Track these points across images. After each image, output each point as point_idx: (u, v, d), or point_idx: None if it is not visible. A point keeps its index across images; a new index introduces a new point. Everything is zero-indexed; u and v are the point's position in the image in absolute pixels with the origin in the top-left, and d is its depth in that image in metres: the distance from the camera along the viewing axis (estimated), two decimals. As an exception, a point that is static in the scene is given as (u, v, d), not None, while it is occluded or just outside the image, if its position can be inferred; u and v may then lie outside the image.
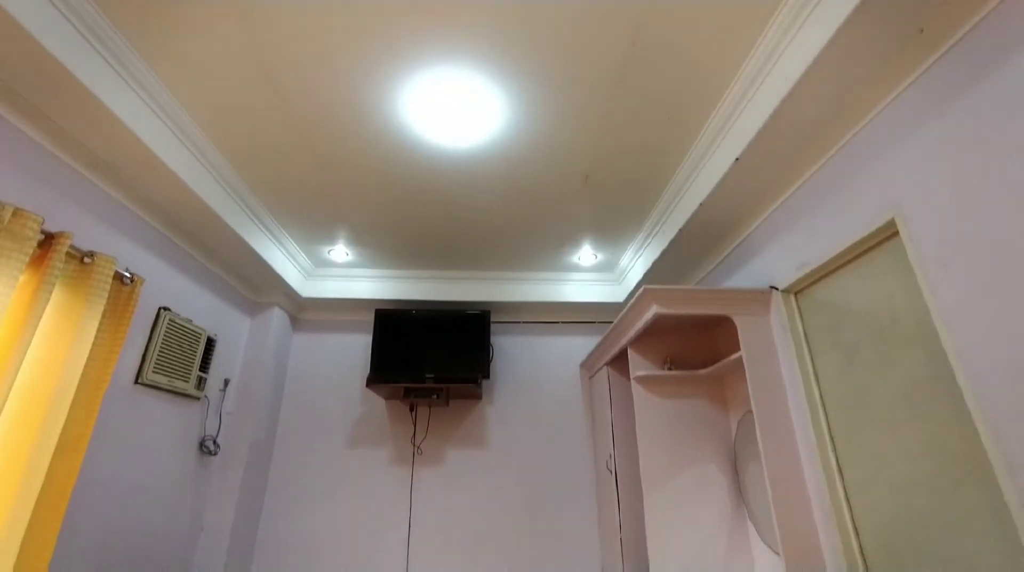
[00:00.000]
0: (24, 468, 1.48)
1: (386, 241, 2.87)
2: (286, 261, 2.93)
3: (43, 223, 1.60)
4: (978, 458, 1.25)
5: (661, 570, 2.09)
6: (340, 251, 2.98)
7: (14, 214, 1.54)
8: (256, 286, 3.03)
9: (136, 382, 2.14)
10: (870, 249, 1.62)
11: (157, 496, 2.28)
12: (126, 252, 2.08)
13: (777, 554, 1.94)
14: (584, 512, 3.04)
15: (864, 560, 1.61)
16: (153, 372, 2.20)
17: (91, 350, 1.78)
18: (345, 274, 3.23)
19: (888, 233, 1.54)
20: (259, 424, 2.90)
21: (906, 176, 1.43)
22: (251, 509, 2.83)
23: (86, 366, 1.75)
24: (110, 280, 1.88)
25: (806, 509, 1.79)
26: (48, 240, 1.66)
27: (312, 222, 2.67)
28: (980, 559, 1.25)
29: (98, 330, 1.84)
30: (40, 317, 1.57)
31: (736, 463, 2.29)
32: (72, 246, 1.74)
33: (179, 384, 2.37)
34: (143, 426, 2.20)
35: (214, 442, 2.67)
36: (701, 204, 2.12)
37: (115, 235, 2.04)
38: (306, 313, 3.41)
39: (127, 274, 1.98)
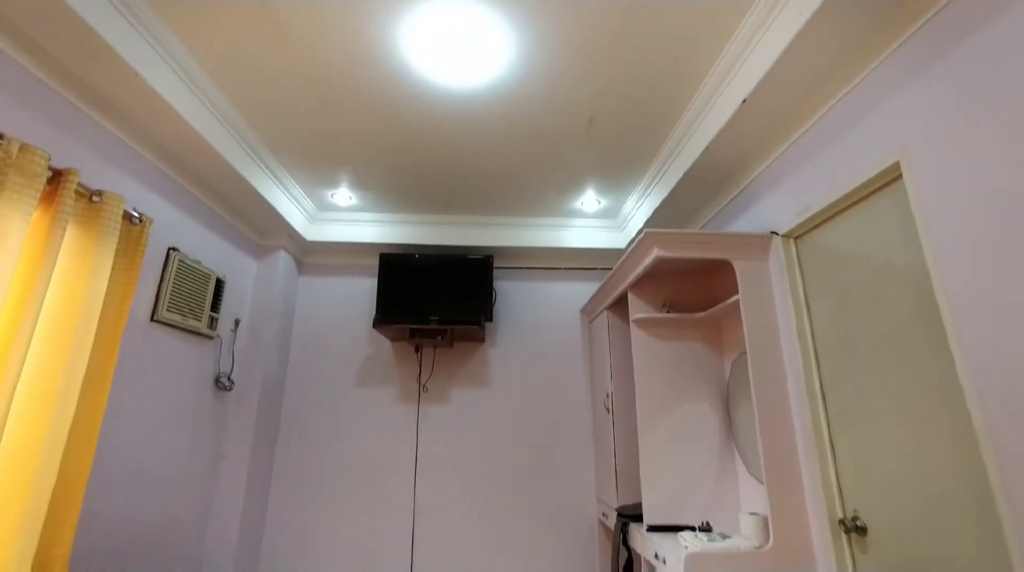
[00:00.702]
0: (57, 399, 1.57)
1: (389, 185, 2.87)
2: (290, 204, 2.94)
3: (49, 160, 1.61)
4: (953, 391, 1.32)
5: (653, 498, 2.25)
6: (343, 195, 2.98)
7: (21, 149, 1.54)
8: (261, 229, 3.05)
9: (152, 320, 2.22)
10: (872, 193, 1.64)
11: (180, 427, 2.42)
12: (133, 192, 2.10)
13: (761, 483, 2.07)
14: (581, 448, 3.21)
15: (839, 483, 1.73)
16: (167, 310, 2.28)
17: (107, 287, 1.84)
18: (349, 218, 3.25)
19: (891, 176, 1.55)
20: (270, 363, 3.02)
21: (913, 119, 1.42)
22: (267, 441, 2.99)
23: (104, 302, 1.81)
24: (120, 219, 1.90)
25: (790, 441, 1.90)
26: (56, 177, 1.68)
27: (315, 165, 2.66)
28: (949, 481, 1.34)
29: (112, 268, 1.89)
30: (57, 254, 1.61)
31: (728, 402, 2.40)
32: (80, 184, 1.75)
33: (192, 322, 2.45)
34: (162, 362, 2.30)
35: (229, 378, 2.79)
36: (706, 148, 2.11)
37: (121, 175, 2.05)
38: (311, 257, 3.45)
39: (135, 214, 2.01)
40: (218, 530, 2.66)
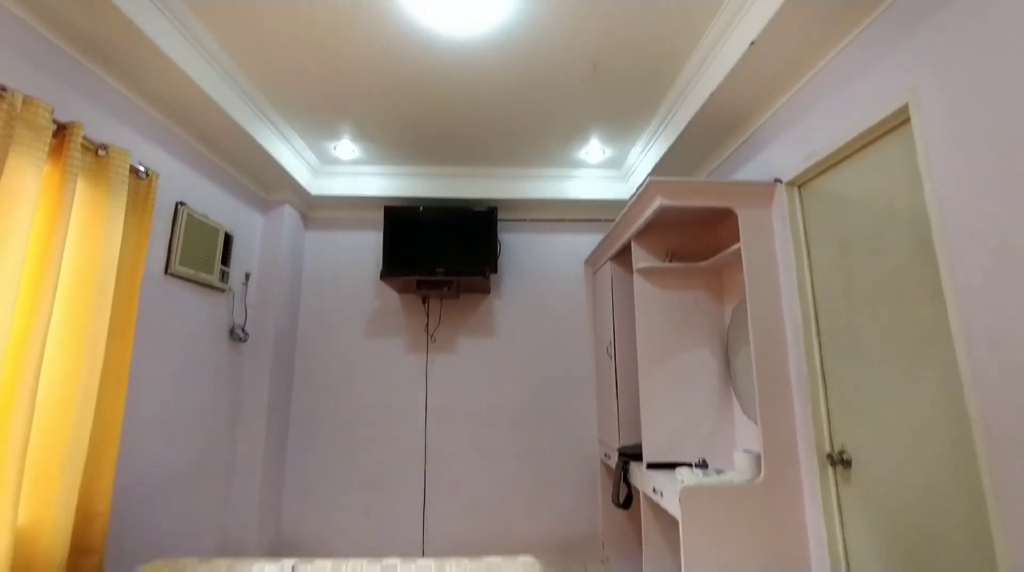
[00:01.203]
0: (86, 346, 1.65)
1: (391, 136, 2.84)
2: (293, 157, 2.93)
3: (53, 113, 1.62)
4: (942, 335, 1.36)
5: (652, 438, 2.36)
6: (346, 147, 2.96)
7: (25, 102, 1.55)
8: (266, 183, 3.06)
9: (166, 273, 2.28)
10: (879, 138, 1.63)
11: (200, 376, 2.53)
12: (137, 147, 2.10)
13: (756, 423, 2.17)
14: (584, 393, 3.34)
15: (829, 421, 1.82)
16: (180, 264, 2.33)
17: (122, 240, 1.88)
18: (353, 171, 3.24)
19: (899, 120, 1.53)
20: (281, 316, 3.10)
21: (923, 62, 1.40)
22: (283, 389, 3.13)
23: (120, 255, 1.86)
24: (127, 173, 1.92)
25: (785, 383, 1.98)
26: (61, 131, 1.69)
27: (316, 117, 2.63)
28: (932, 416, 1.42)
29: (125, 222, 1.92)
30: (71, 208, 1.64)
31: (727, 348, 2.47)
32: (85, 138, 1.76)
33: (205, 276, 2.51)
34: (179, 314, 2.37)
35: (243, 330, 2.88)
36: (712, 94, 2.07)
37: (124, 130, 2.05)
38: (316, 211, 3.47)
39: (141, 168, 2.02)
40: (242, 471, 2.83)
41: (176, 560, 1.67)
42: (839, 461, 1.75)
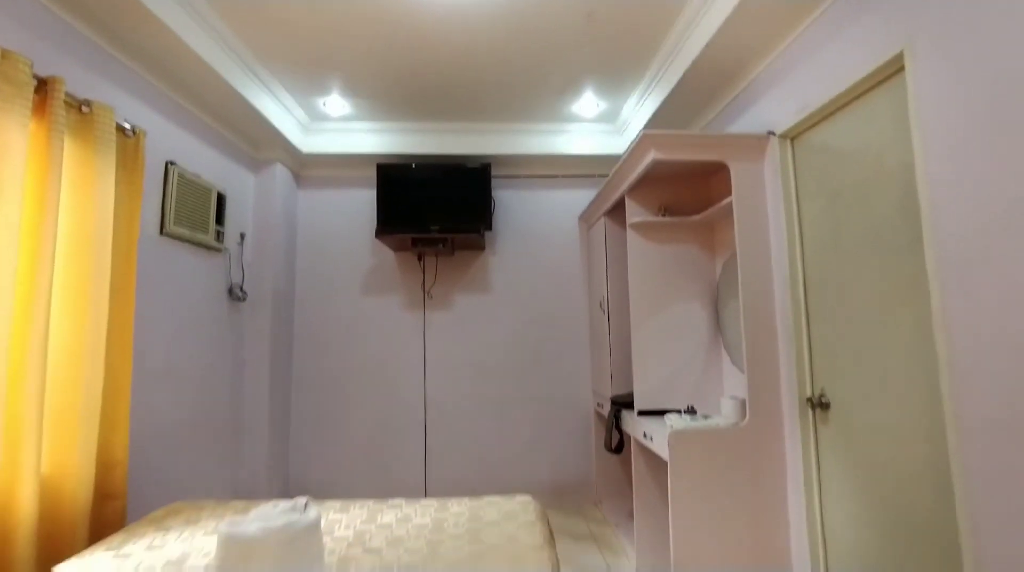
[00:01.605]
0: (90, 305, 1.68)
1: (382, 91, 2.78)
2: (282, 114, 2.87)
3: (32, 67, 1.58)
4: (920, 283, 1.41)
5: (643, 387, 2.46)
6: (336, 103, 2.90)
7: (3, 55, 1.51)
8: (255, 141, 3.01)
9: (161, 233, 2.28)
10: (872, 88, 1.63)
11: (202, 335, 2.58)
12: (121, 104, 2.06)
13: (743, 372, 2.26)
14: (578, 346, 3.43)
15: (811, 367, 1.90)
16: (174, 224, 2.33)
17: (115, 200, 1.87)
18: (344, 128, 3.18)
19: (894, 69, 1.53)
20: (278, 275, 3.13)
21: (920, 9, 1.38)
22: (283, 348, 3.19)
23: (115, 215, 1.86)
24: (113, 131, 1.90)
25: (771, 332, 2.05)
26: (42, 86, 1.65)
27: (304, 71, 2.56)
28: (904, 359, 1.49)
29: (116, 182, 1.91)
30: (60, 167, 1.63)
31: (717, 301, 2.54)
32: (67, 94, 1.72)
33: (200, 236, 2.51)
34: (177, 274, 2.39)
35: (241, 289, 2.91)
36: (707, 45, 2.04)
37: (107, 86, 1.99)
38: (309, 170, 3.43)
39: (127, 125, 1.99)
40: (249, 425, 2.94)
41: (195, 502, 1.77)
42: (818, 404, 1.85)
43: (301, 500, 1.22)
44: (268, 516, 1.16)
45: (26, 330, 1.45)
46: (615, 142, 3.30)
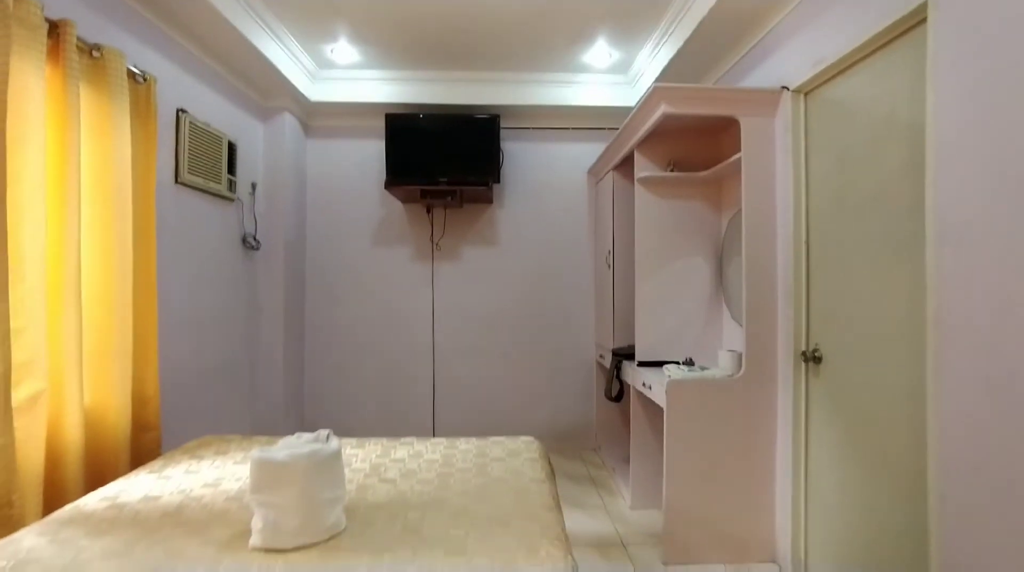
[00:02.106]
0: (116, 250, 1.75)
1: (390, 37, 2.72)
2: (289, 61, 2.83)
3: (43, 9, 1.57)
4: (918, 244, 1.44)
5: (645, 339, 2.55)
6: (343, 50, 2.85)
7: (16, -1, 1.50)
8: (263, 89, 2.98)
9: (176, 182, 2.32)
10: (891, 41, 1.59)
11: (219, 283, 2.66)
12: (131, 50, 2.04)
13: (741, 326, 2.33)
14: (582, 300, 3.52)
15: (808, 323, 1.97)
16: (189, 173, 2.36)
17: (131, 147, 1.90)
18: (352, 76, 3.14)
19: (915, 20, 1.49)
20: (289, 225, 3.18)
21: (947, -48, 1.34)
22: (296, 296, 3.30)
23: (132, 163, 1.89)
24: (124, 76, 1.90)
25: (772, 288, 2.10)
26: (54, 29, 1.65)
27: (311, 16, 2.51)
28: (895, 316, 1.55)
29: (131, 128, 1.93)
30: (79, 113, 1.66)
31: (721, 257, 2.58)
32: (78, 38, 1.72)
33: (214, 185, 2.55)
34: (192, 222, 2.45)
35: (254, 238, 2.97)
36: (727, -10, 1.97)
37: (116, 31, 1.98)
38: (317, 119, 3.41)
39: (138, 71, 1.99)
40: (266, 369, 3.08)
41: (223, 436, 1.91)
42: (811, 358, 1.93)
43: (323, 432, 1.32)
44: (295, 445, 1.27)
45: (60, 272, 1.53)
46: (627, 94, 3.23)
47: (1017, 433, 1.14)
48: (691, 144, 2.57)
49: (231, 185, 2.72)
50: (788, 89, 2.01)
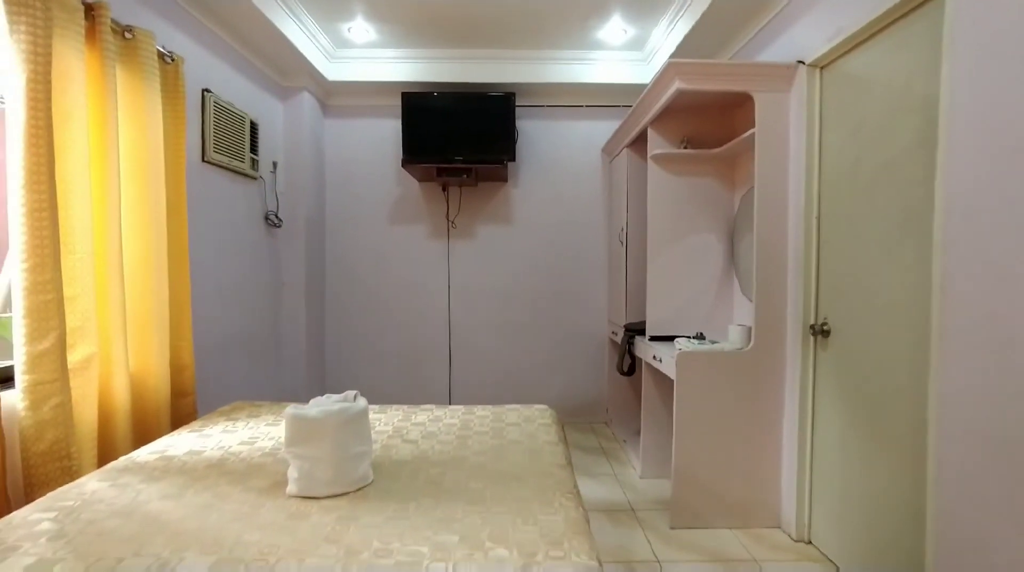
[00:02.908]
0: (152, 223, 1.85)
1: (405, 15, 2.75)
2: (307, 41, 2.88)
3: (76, -10, 1.64)
4: (927, 217, 1.47)
5: (656, 314, 2.60)
6: (360, 29, 2.89)
7: (54, -18, 1.57)
8: (282, 69, 3.04)
9: (203, 160, 2.41)
10: (908, 12, 1.59)
11: (244, 258, 2.77)
12: (159, 31, 2.10)
13: (750, 301, 2.37)
14: (596, 278, 3.57)
15: (817, 297, 2.00)
16: (215, 151, 2.45)
17: (163, 125, 1.99)
18: (368, 56, 3.18)
19: (935, -11, 1.49)
20: (309, 203, 3.27)
21: (965, -78, 1.33)
22: (317, 273, 3.40)
23: (164, 140, 1.98)
24: (155, 57, 1.97)
25: (782, 263, 2.13)
26: (89, 12, 1.72)
27: (328, -7, 2.55)
28: (901, 288, 1.58)
29: (162, 108, 2.01)
30: (116, 93, 1.74)
31: (733, 234, 2.61)
32: (112, 20, 1.79)
33: (237, 164, 2.64)
34: (219, 200, 2.55)
35: (276, 216, 3.07)
36: (744, -37, 1.97)
37: (144, 12, 2.04)
38: (334, 99, 3.46)
39: (166, 51, 2.06)
40: (288, 341, 3.21)
41: (254, 402, 2.03)
42: (819, 331, 1.97)
43: (351, 393, 1.42)
44: (325, 403, 1.37)
45: (104, 245, 1.64)
46: (642, 71, 3.23)
47: (1016, 397, 1.19)
48: (705, 121, 2.58)
49: (254, 164, 2.81)
50: (804, 63, 2.01)
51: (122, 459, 1.44)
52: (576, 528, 1.10)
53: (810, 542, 2.04)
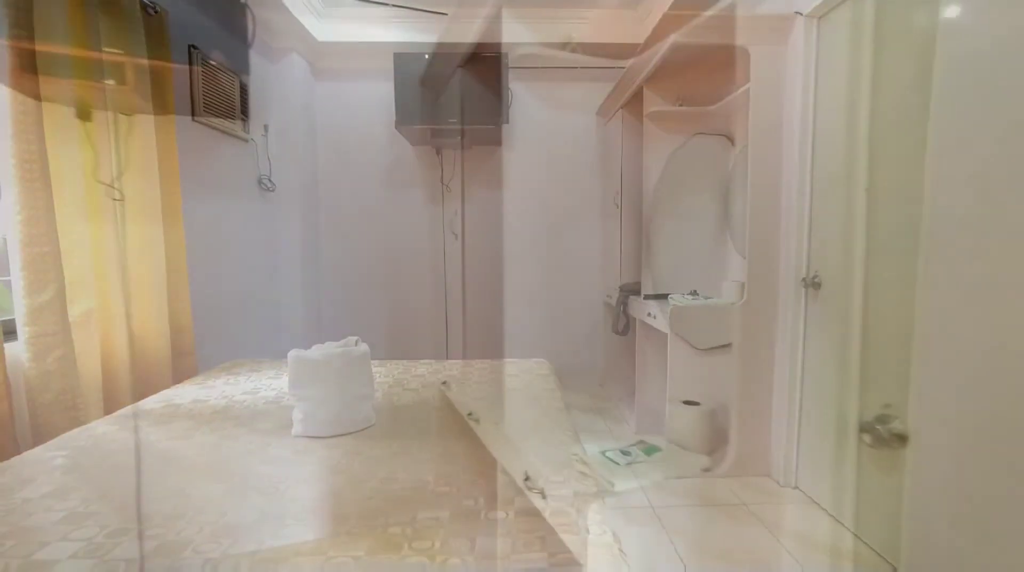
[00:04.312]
0: (144, 184, 1.83)
1: (396, -30, 2.68)
2: (295, -4, 2.81)
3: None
4: (918, 160, 1.49)
5: (651, 274, 2.63)
6: (349, -16, 2.81)
7: (33, -74, 1.52)
8: (270, 26, 2.96)
9: (193, 119, 2.37)
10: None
11: (238, 221, 2.75)
12: (142, -20, 2.05)
13: (744, 258, 2.41)
14: (590, 241, 3.59)
15: (809, 252, 2.04)
16: (204, 111, 2.40)
17: (149, 78, 1.94)
18: (358, 16, 3.11)
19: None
20: (303, 167, 3.24)
21: None
22: (312, 236, 3.39)
23: (152, 94, 1.94)
24: (138, 7, 1.92)
25: (775, 219, 2.16)
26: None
27: (316, -55, 2.47)
28: (889, 243, 1.61)
29: (147, 60, 1.96)
30: (99, 42, 1.69)
31: (728, 192, 2.62)
32: (91, -33, 1.74)
33: (228, 125, 2.59)
34: (210, 161, 2.52)
35: (269, 180, 3.04)
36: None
37: (126, -41, 1.98)
38: (325, 61, 3.39)
39: (149, 2, 2.00)
40: (286, 303, 3.22)
41: (254, 359, 2.05)
42: (811, 284, 2.01)
43: (352, 338, 1.44)
44: (327, 348, 1.39)
45: (96, 200, 1.62)
46: (636, 31, 3.18)
47: (991, 332, 1.24)
48: (700, 79, 2.56)
49: (245, 126, 2.76)
50: (801, 14, 1.99)
51: (128, 408, 1.46)
52: (574, 460, 1.14)
53: (796, 487, 2.12)
